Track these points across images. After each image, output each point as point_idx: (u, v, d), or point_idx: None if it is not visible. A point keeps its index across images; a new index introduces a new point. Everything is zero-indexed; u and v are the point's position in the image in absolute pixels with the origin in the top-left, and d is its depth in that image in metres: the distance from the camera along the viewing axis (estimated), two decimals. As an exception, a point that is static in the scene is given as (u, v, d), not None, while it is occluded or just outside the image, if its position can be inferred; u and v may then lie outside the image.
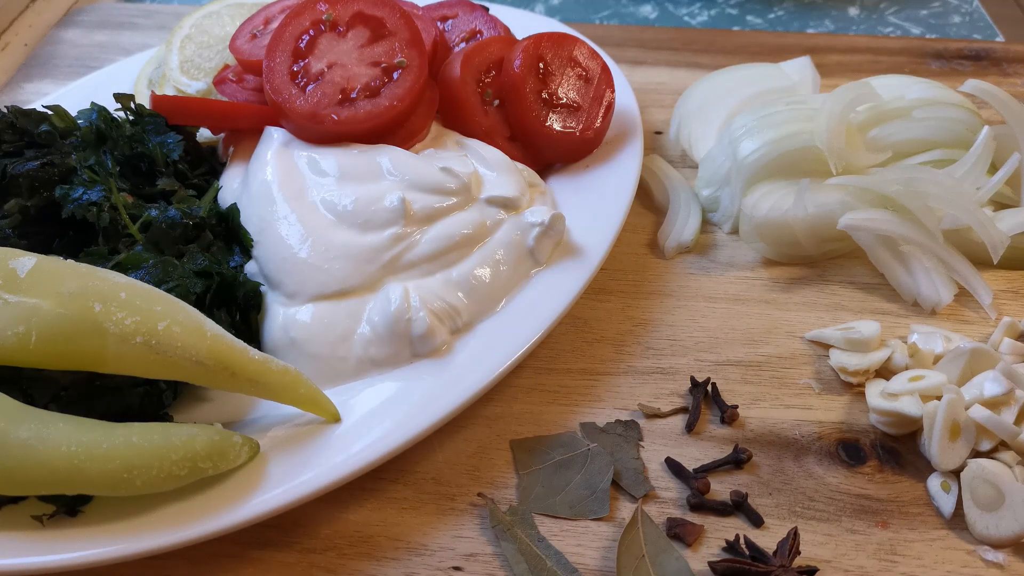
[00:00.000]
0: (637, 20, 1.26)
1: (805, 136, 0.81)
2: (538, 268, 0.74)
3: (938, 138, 0.83)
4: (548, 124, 0.83)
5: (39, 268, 0.60)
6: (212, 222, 0.76)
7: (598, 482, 0.64)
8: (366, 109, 0.78)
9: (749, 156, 0.81)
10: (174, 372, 0.60)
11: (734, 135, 0.83)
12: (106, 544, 0.56)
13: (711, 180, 0.86)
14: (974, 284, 0.76)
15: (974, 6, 1.25)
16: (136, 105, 0.81)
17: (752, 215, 0.79)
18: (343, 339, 0.68)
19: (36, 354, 0.57)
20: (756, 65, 0.97)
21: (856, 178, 0.78)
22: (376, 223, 0.72)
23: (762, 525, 0.62)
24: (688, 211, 0.85)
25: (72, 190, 0.72)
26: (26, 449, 0.55)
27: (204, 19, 1.00)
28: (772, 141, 0.81)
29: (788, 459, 0.66)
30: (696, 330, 0.76)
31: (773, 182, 0.81)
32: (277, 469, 0.61)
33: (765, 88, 0.93)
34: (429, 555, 0.61)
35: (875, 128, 0.84)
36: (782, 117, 0.82)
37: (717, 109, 0.92)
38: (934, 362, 0.70)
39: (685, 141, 0.92)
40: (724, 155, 0.85)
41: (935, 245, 0.76)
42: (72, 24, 1.21)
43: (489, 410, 0.70)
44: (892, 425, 0.67)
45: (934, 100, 0.85)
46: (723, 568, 0.58)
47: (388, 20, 0.81)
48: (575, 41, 0.88)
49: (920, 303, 0.76)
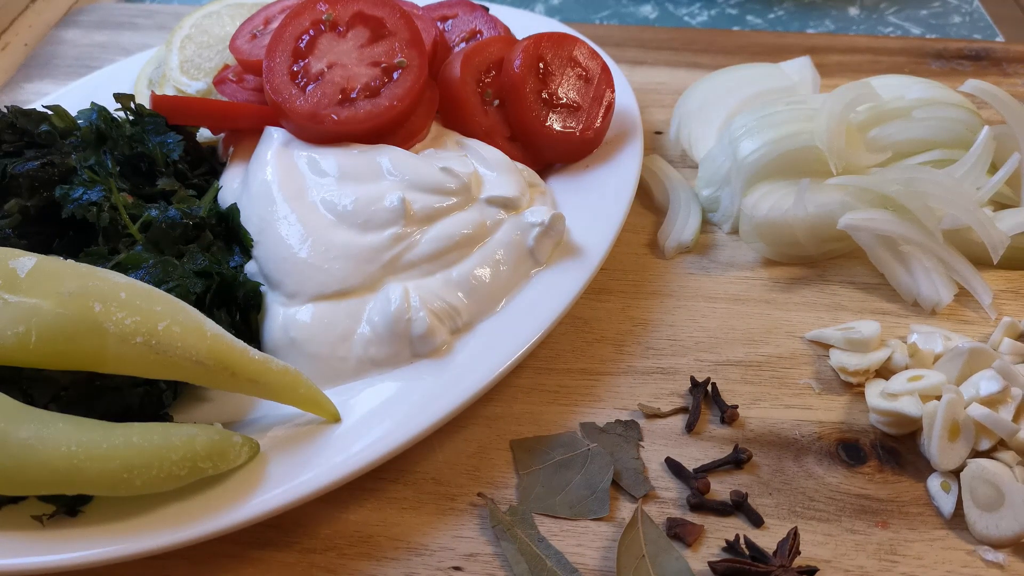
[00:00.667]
0: (637, 20, 1.26)
1: (805, 136, 0.81)
2: (538, 268, 0.74)
3: (938, 138, 0.83)
4: (548, 124, 0.83)
5: (39, 268, 0.60)
6: (212, 222, 0.76)
7: (598, 482, 0.64)
8: (366, 109, 0.78)
9: (749, 156, 0.81)
10: (174, 372, 0.60)
11: (734, 135, 0.83)
12: (106, 544, 0.56)
13: (711, 180, 0.86)
14: (974, 284, 0.76)
15: (974, 6, 1.25)
16: (136, 105, 0.81)
17: (752, 215, 0.79)
18: (343, 339, 0.68)
19: (36, 354, 0.57)
20: (756, 65, 0.97)
21: (856, 178, 0.78)
22: (376, 223, 0.72)
23: (762, 525, 0.62)
24: (688, 211, 0.85)
25: (72, 190, 0.72)
26: (26, 449, 0.55)
27: (204, 19, 1.00)
28: (772, 141, 0.81)
29: (788, 459, 0.66)
30: (696, 330, 0.76)
31: (773, 182, 0.81)
32: (277, 469, 0.61)
33: (765, 88, 0.93)
34: (429, 555, 0.61)
35: (875, 128, 0.84)
36: (782, 117, 0.82)
37: (717, 109, 0.92)
38: (934, 362, 0.70)
39: (685, 141, 0.92)
40: (724, 155, 0.85)
41: (935, 245, 0.76)
42: (72, 24, 1.21)
43: (489, 410, 0.70)
44: (892, 425, 0.67)
45: (934, 100, 0.85)
46: (723, 568, 0.58)
47: (388, 20, 0.81)
48: (575, 41, 0.88)
49: (920, 303, 0.76)
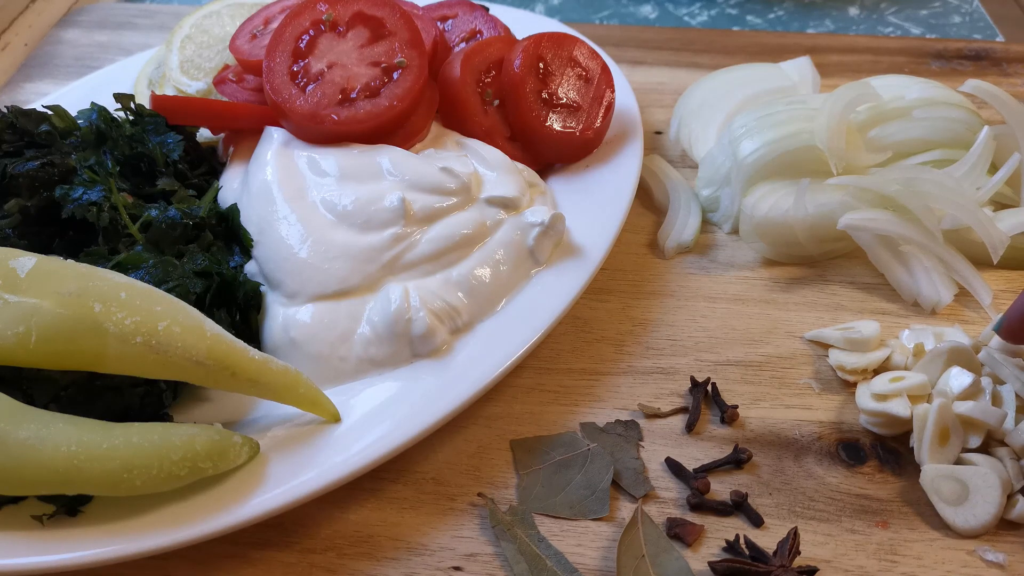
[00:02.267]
0: (637, 20, 1.26)
1: (805, 136, 0.81)
2: (538, 268, 0.74)
3: (938, 138, 0.83)
4: (548, 124, 0.83)
5: (39, 268, 0.60)
6: (212, 222, 0.76)
7: (598, 482, 0.64)
8: (366, 109, 0.78)
9: (749, 156, 0.81)
10: (174, 372, 0.60)
11: (734, 135, 0.83)
12: (106, 544, 0.56)
13: (711, 180, 0.86)
14: (974, 284, 0.76)
15: (974, 6, 1.25)
16: (136, 105, 0.81)
17: (752, 215, 0.79)
18: (343, 339, 0.68)
19: (36, 354, 0.57)
20: (756, 65, 0.97)
21: (856, 178, 0.78)
22: (376, 223, 0.72)
23: (762, 525, 0.62)
24: (688, 211, 0.85)
25: (72, 190, 0.72)
26: (26, 449, 0.55)
27: (204, 19, 1.00)
28: (772, 141, 0.81)
29: (788, 459, 0.66)
30: (696, 330, 0.76)
31: (773, 182, 0.81)
32: (277, 469, 0.61)
33: (765, 88, 0.93)
34: (429, 555, 0.61)
35: (875, 128, 0.84)
36: (782, 117, 0.82)
37: (717, 109, 0.92)
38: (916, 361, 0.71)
39: (685, 141, 0.92)
40: (724, 155, 0.85)
41: (935, 245, 0.76)
42: (72, 24, 1.21)
43: (489, 410, 0.70)
44: (881, 425, 0.67)
45: (934, 100, 0.85)
46: (723, 568, 0.58)
47: (388, 20, 0.81)
48: (575, 41, 0.88)
49: (920, 303, 0.76)
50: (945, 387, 0.66)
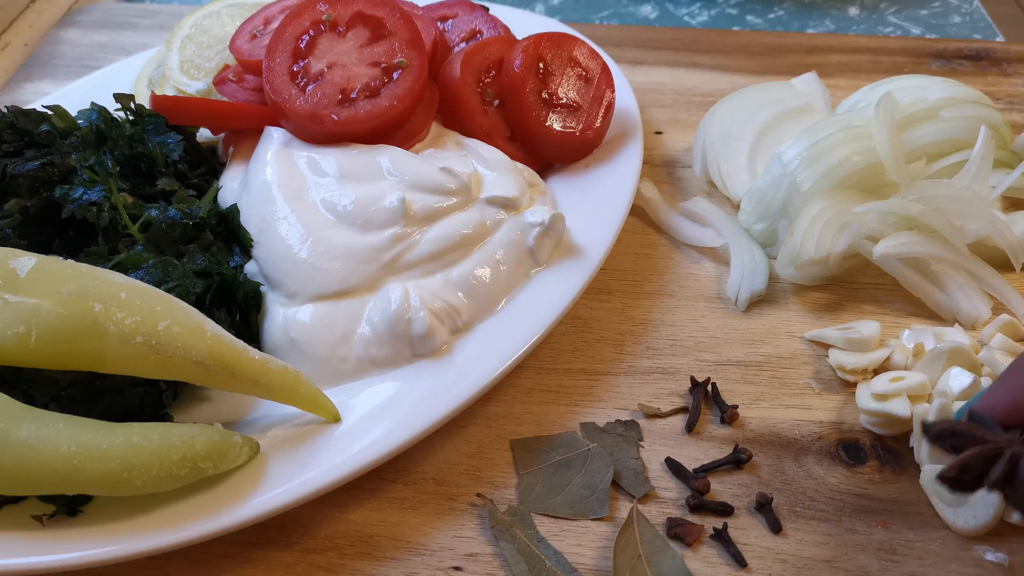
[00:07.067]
0: (637, 20, 1.26)
1: (857, 159, 0.78)
2: (538, 268, 0.74)
3: (966, 137, 0.81)
4: (548, 124, 0.83)
5: (39, 268, 0.60)
6: (212, 222, 0.76)
7: (598, 482, 0.64)
8: (366, 109, 0.78)
9: (809, 186, 0.78)
10: (174, 372, 0.60)
11: (787, 167, 0.80)
12: (106, 544, 0.56)
13: (764, 215, 0.82)
14: (1007, 295, 0.75)
15: (974, 6, 1.25)
16: (136, 105, 0.81)
17: (799, 255, 0.76)
18: (343, 339, 0.68)
19: (36, 354, 0.57)
20: (768, 85, 0.95)
21: (879, 204, 0.76)
22: (376, 223, 0.72)
23: (780, 532, 0.61)
24: (752, 255, 0.79)
25: (72, 190, 0.72)
26: (26, 449, 0.55)
27: (204, 19, 1.00)
28: (830, 170, 0.78)
29: (788, 459, 0.66)
30: (696, 330, 0.76)
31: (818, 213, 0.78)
32: (277, 469, 0.61)
33: (784, 109, 0.91)
34: (429, 555, 0.61)
35: (904, 132, 0.82)
36: (832, 142, 0.80)
37: (740, 139, 0.90)
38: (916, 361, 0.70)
39: (715, 176, 0.89)
40: (775, 187, 0.81)
41: (964, 260, 0.75)
42: (72, 24, 1.21)
43: (489, 410, 0.70)
44: (881, 425, 0.67)
45: (956, 99, 0.83)
46: (939, 430, 0.48)
47: (388, 20, 0.81)
48: (575, 41, 0.88)
49: (960, 320, 0.75)
50: (945, 387, 0.66)
